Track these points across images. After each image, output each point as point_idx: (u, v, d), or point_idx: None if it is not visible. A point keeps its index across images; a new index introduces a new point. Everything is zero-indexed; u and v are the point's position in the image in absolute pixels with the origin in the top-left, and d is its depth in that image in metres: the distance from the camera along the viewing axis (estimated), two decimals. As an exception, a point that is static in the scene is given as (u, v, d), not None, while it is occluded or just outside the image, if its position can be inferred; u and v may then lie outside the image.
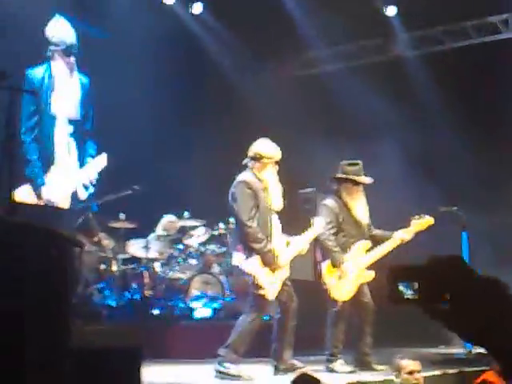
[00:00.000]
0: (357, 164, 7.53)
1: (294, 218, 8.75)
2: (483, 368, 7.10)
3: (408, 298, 1.43)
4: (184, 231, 10.54)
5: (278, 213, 6.93)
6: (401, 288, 1.45)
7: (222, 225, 10.48)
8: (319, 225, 7.11)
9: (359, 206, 7.53)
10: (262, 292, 6.62)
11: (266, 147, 6.87)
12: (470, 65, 11.71)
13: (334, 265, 7.33)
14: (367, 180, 7.53)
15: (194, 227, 10.50)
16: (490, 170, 11.31)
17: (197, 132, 11.70)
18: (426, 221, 7.56)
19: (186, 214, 10.56)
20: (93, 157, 9.97)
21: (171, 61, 11.14)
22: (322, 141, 10.76)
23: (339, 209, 7.45)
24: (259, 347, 6.85)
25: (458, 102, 11.54)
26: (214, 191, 11.11)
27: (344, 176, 7.50)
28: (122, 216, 10.03)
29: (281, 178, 6.95)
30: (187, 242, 10.27)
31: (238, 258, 6.82)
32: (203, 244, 10.38)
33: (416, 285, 1.41)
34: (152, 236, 10.35)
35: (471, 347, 8.39)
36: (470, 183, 10.96)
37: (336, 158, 7.87)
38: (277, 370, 6.76)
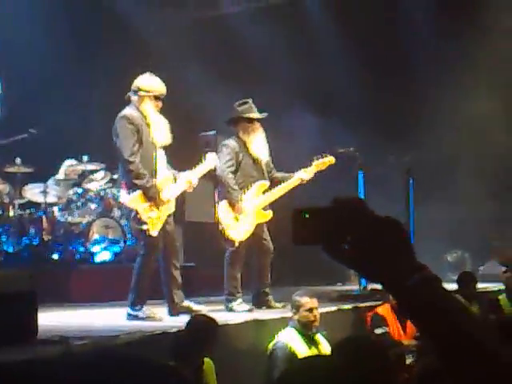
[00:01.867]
0: (246, 102, 7.55)
1: (195, 161, 8.75)
2: (376, 303, 7.44)
3: (310, 239, 1.45)
4: (84, 175, 10.37)
5: (168, 150, 6.85)
6: None
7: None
8: (211, 160, 7.05)
9: (257, 144, 7.56)
10: (144, 227, 6.57)
11: (146, 81, 6.78)
12: (368, 6, 11.85)
13: (231, 203, 7.35)
14: (259, 115, 7.54)
15: (94, 171, 10.34)
16: (386, 111, 11.58)
17: (95, 74, 11.44)
18: (328, 160, 7.69)
19: (86, 157, 10.38)
20: None
21: (68, 4, 10.80)
22: (222, 84, 10.73)
23: (239, 148, 7.48)
24: (156, 289, 6.87)
25: (355, 41, 11.68)
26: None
27: (237, 115, 7.52)
28: (18, 160, 9.78)
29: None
30: (87, 186, 10.12)
31: (123, 195, 6.77)
32: (103, 188, 10.26)
33: None
34: (50, 181, 10.15)
35: (365, 284, 8.71)
36: (366, 124, 11.21)
37: (236, 100, 7.87)
38: (170, 312, 6.79)
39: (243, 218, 7.36)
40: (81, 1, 11.61)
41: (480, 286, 10.08)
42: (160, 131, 6.73)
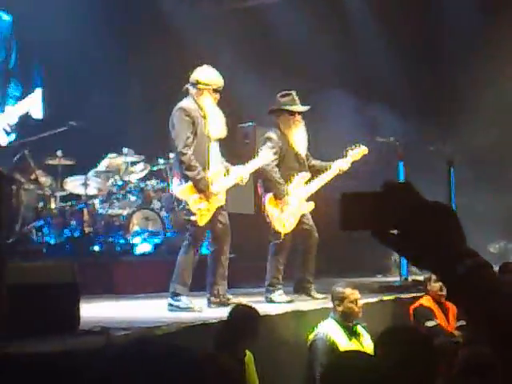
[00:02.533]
0: (289, 94, 7.50)
1: (234, 152, 8.76)
2: (418, 294, 7.35)
3: (359, 225, 1.42)
4: (123, 167, 10.44)
5: (220, 143, 6.90)
6: None
7: (161, 160, 10.41)
8: (265, 156, 7.11)
9: (297, 137, 7.54)
10: (193, 218, 6.63)
11: (204, 73, 6.80)
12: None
13: (278, 197, 7.35)
14: (301, 108, 7.50)
15: (134, 163, 10.41)
16: (428, 99, 11.44)
17: (133, 66, 11.51)
18: (361, 150, 7.68)
19: (125, 150, 10.44)
20: (17, 98, 9.67)
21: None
22: (261, 75, 10.70)
23: (281, 141, 7.46)
24: (195, 281, 6.89)
25: (395, 28, 11.56)
26: (152, 126, 11.03)
27: (278, 107, 7.48)
28: (59, 153, 9.88)
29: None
30: (126, 178, 10.19)
31: (174, 185, 6.84)
32: (143, 180, 10.32)
33: None
34: (91, 173, 10.24)
35: (407, 275, 8.63)
36: (407, 112, 11.09)
37: (274, 91, 7.83)
38: (210, 303, 6.80)
39: (288, 210, 7.37)
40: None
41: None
42: (216, 124, 6.76)
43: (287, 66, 11.49)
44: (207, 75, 6.79)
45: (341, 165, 7.59)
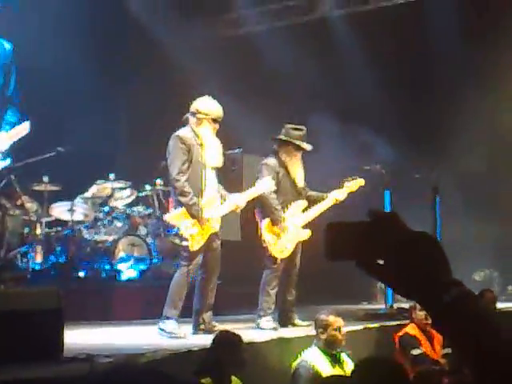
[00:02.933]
0: (302, 130, 7.62)
1: (221, 178, 8.75)
2: (403, 322, 7.36)
3: (343, 254, 1.42)
4: (110, 193, 10.43)
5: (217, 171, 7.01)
6: None
7: (147, 186, 10.42)
8: (265, 184, 7.19)
9: (297, 169, 7.64)
10: (184, 243, 6.72)
11: (204, 104, 6.93)
12: (394, 24, 11.84)
13: (275, 223, 7.41)
14: (309, 147, 7.63)
15: (120, 189, 10.41)
16: (415, 128, 11.52)
17: (121, 93, 11.54)
18: (358, 182, 7.87)
19: (112, 175, 10.44)
20: (13, 125, 9.67)
21: (93, 21, 10.92)
22: (248, 102, 10.76)
23: (278, 168, 7.54)
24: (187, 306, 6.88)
25: (383, 61, 11.68)
26: (139, 152, 11.07)
27: (288, 139, 7.55)
28: (46, 178, 9.87)
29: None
30: (113, 204, 10.18)
31: (170, 212, 7.02)
32: (129, 206, 10.32)
33: None
34: (78, 199, 10.22)
35: (392, 303, 8.64)
36: (392, 140, 11.18)
37: (261, 119, 7.90)
38: (195, 331, 6.81)
39: (285, 236, 7.43)
40: (107, 21, 11.72)
41: (506, 305, 10.00)
42: (212, 153, 6.89)
43: (274, 93, 11.56)
44: (207, 105, 6.93)
45: (336, 196, 7.73)
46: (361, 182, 7.89)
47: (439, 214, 9.35)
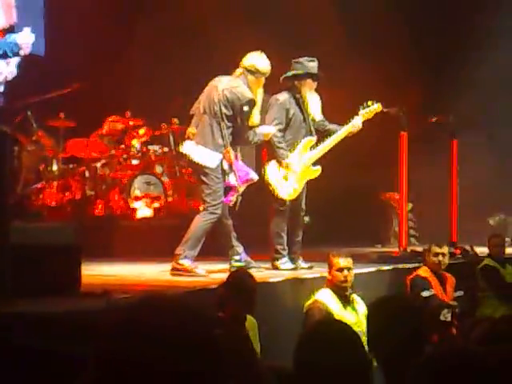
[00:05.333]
0: (314, 60, 7.47)
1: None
2: (416, 265, 7.40)
3: None
4: (126, 131, 10.42)
5: None
6: None
7: (164, 124, 10.38)
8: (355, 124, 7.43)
9: (314, 101, 7.49)
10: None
11: (262, 63, 7.03)
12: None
13: (278, 161, 7.32)
14: (322, 74, 7.49)
15: (136, 127, 10.38)
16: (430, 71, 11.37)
17: (133, 30, 11.37)
18: (374, 108, 7.56)
19: (128, 113, 10.41)
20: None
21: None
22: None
23: (290, 104, 7.38)
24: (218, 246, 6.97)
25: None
26: (155, 90, 10.98)
27: (309, 71, 7.39)
28: (62, 115, 9.86)
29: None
30: (129, 141, 10.17)
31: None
32: (145, 144, 10.30)
33: None
34: (94, 135, 10.21)
35: (406, 246, 8.66)
36: (410, 83, 11.05)
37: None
38: (231, 267, 6.87)
39: (292, 176, 7.33)
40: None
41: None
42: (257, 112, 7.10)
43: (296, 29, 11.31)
44: (264, 64, 7.04)
45: (352, 125, 7.50)
46: (378, 107, 7.54)
47: (456, 159, 9.30)
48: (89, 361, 1.44)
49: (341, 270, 5.62)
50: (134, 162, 10.03)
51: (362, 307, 5.58)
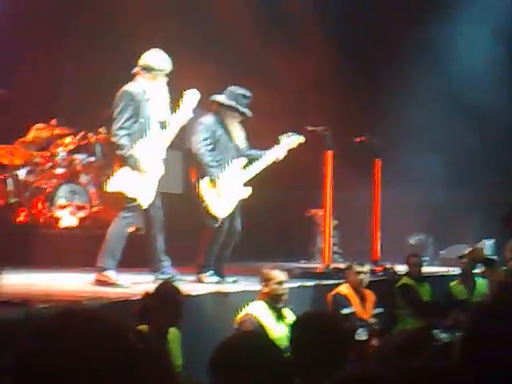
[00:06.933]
0: (249, 97, 7.53)
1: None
2: (338, 282, 7.53)
3: None
4: (51, 139, 10.27)
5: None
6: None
7: (90, 134, 10.28)
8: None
9: (237, 130, 7.59)
10: (127, 194, 6.79)
11: (157, 59, 6.96)
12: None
13: (212, 181, 7.39)
14: (250, 114, 7.58)
15: (62, 135, 10.25)
16: (356, 93, 11.60)
17: (62, 37, 11.21)
18: (297, 139, 7.74)
19: (54, 121, 10.28)
20: None
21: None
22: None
23: (216, 126, 7.45)
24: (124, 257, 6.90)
25: (327, 23, 11.69)
26: (83, 99, 10.87)
27: (237, 106, 7.45)
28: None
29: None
30: (54, 150, 10.03)
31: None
32: (71, 153, 10.17)
33: None
34: (18, 142, 10.03)
35: (329, 262, 8.80)
36: (337, 104, 11.26)
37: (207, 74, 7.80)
38: (156, 279, 6.84)
39: (225, 194, 7.41)
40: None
41: (438, 269, 10.32)
42: (161, 108, 6.96)
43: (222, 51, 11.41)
44: (160, 60, 6.96)
45: (276, 153, 7.65)
46: (300, 138, 7.73)
47: (379, 179, 9.52)
48: (8, 369, 1.45)
49: (280, 283, 5.72)
50: (59, 170, 9.90)
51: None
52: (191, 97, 7.03)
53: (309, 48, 11.75)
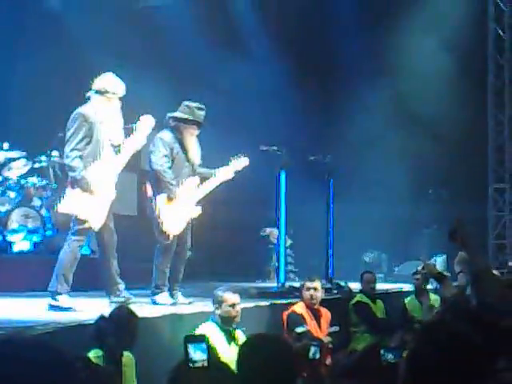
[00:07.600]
0: (203, 109, 7.59)
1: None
2: (293, 300, 7.57)
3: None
4: (3, 163, 10.17)
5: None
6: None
7: (43, 157, 10.22)
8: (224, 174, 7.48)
9: (193, 146, 7.63)
10: (78, 215, 6.76)
11: (111, 82, 6.97)
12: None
13: (170, 198, 7.39)
14: (205, 124, 7.64)
15: (14, 159, 10.15)
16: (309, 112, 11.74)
17: (15, 59, 11.17)
18: (242, 161, 7.82)
19: (6, 144, 10.18)
20: None
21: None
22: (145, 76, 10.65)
23: (173, 143, 7.49)
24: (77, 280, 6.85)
25: (281, 40, 11.81)
26: (35, 122, 10.80)
27: (194, 118, 7.50)
28: None
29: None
30: (6, 174, 9.93)
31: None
32: (23, 176, 10.09)
33: None
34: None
35: (284, 281, 8.85)
36: (289, 123, 11.37)
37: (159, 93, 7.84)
38: (111, 302, 6.82)
39: (179, 212, 7.42)
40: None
41: (392, 286, 10.44)
42: (114, 131, 6.93)
43: (174, 71, 11.48)
44: (114, 84, 6.98)
45: (224, 174, 7.72)
46: (245, 161, 7.82)
47: (332, 197, 9.63)
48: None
49: (233, 305, 5.73)
50: (12, 194, 9.80)
51: (245, 344, 5.65)
52: (146, 122, 7.05)
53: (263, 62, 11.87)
